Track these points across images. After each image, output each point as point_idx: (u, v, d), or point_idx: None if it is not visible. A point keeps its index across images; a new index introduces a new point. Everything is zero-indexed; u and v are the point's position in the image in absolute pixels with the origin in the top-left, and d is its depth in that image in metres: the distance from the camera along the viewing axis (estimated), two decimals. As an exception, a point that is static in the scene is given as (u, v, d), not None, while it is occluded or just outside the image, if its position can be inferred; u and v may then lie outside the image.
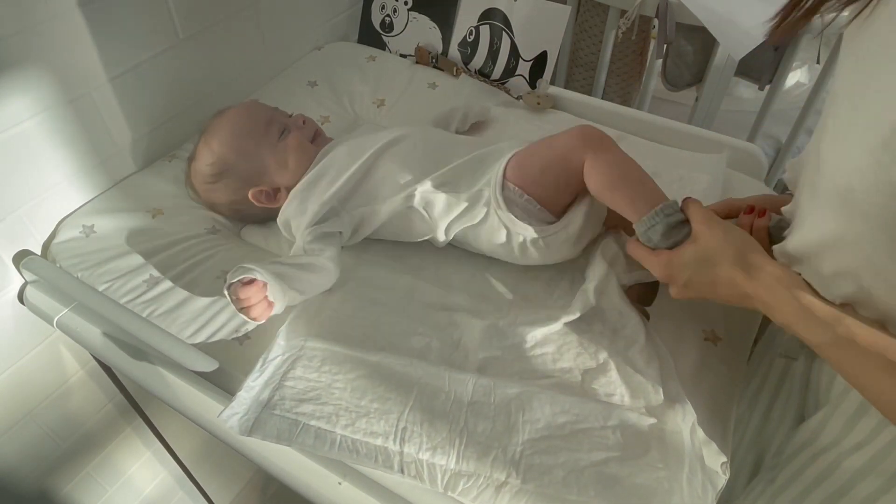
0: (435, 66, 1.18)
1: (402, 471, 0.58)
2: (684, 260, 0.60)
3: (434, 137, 0.84)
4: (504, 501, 0.57)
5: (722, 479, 0.60)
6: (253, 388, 0.62)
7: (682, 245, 0.61)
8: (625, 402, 0.63)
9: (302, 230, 0.76)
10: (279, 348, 0.66)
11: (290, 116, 0.88)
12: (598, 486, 0.56)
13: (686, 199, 0.65)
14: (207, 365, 0.68)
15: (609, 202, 0.70)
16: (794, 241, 0.57)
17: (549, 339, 0.70)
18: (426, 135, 0.84)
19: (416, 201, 0.75)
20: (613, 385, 0.65)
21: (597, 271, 0.73)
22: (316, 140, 0.87)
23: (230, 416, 0.60)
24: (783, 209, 0.62)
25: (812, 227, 0.53)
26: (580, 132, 0.72)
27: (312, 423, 0.60)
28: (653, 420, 0.62)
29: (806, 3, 0.52)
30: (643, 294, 0.76)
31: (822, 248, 0.51)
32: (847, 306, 0.51)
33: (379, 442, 0.59)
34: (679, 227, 0.63)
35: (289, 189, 0.82)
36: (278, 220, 0.81)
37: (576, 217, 0.73)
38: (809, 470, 0.60)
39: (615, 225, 0.79)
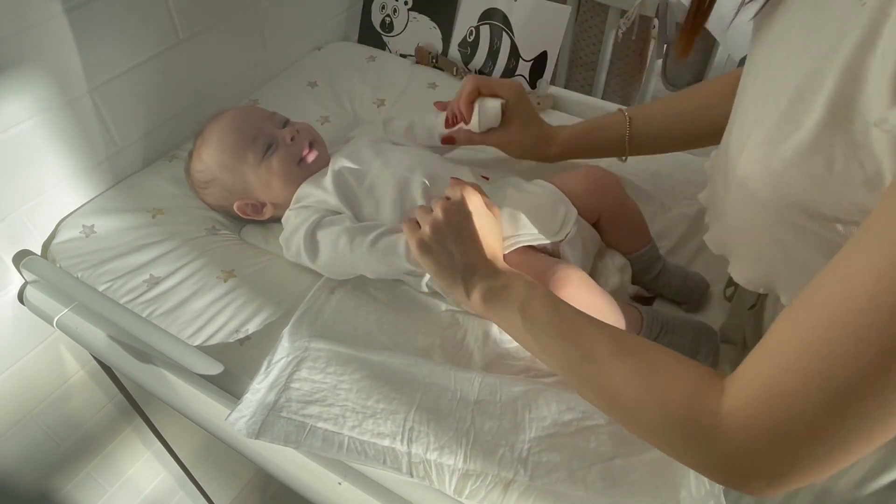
0: (435, 66, 1.18)
1: (410, 473, 0.58)
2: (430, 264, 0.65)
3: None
4: (512, 500, 0.57)
5: (719, 485, 0.60)
6: (258, 390, 0.62)
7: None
8: None
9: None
10: (283, 350, 0.66)
11: (285, 126, 0.84)
12: (607, 481, 0.56)
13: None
14: (212, 368, 0.68)
15: None
16: (716, 229, 0.59)
17: None
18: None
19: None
20: None
21: (609, 279, 0.74)
22: (306, 159, 0.82)
23: (237, 419, 0.60)
24: (699, 196, 0.64)
25: (728, 215, 0.55)
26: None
27: (320, 425, 0.60)
28: None
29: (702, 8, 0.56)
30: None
31: (739, 233, 0.54)
32: None
33: (387, 443, 0.59)
34: None
35: (275, 204, 0.82)
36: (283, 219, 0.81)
37: None
38: None
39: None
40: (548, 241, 0.71)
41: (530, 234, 0.71)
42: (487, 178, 0.82)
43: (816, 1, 0.44)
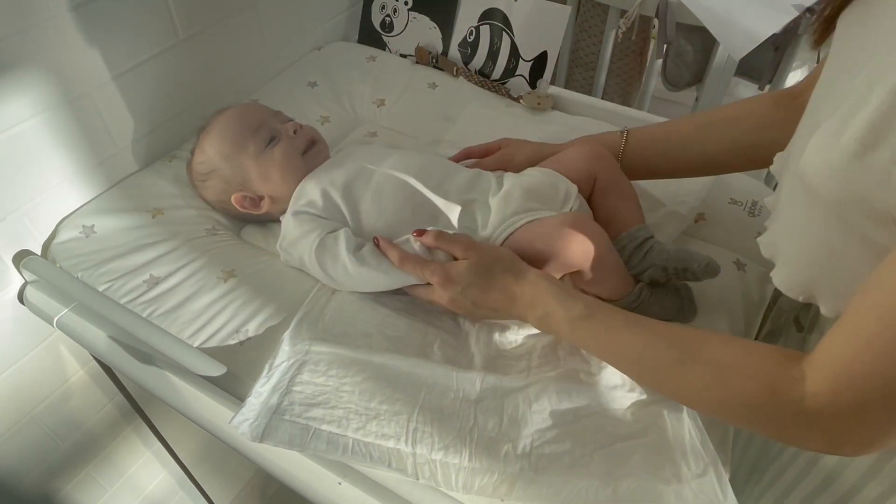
0: (435, 66, 1.18)
1: (416, 474, 0.58)
2: (461, 270, 0.65)
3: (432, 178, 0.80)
4: (519, 494, 0.57)
5: (715, 454, 0.60)
6: (261, 393, 0.62)
7: (458, 261, 0.67)
8: (626, 385, 0.64)
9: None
10: (284, 354, 0.66)
11: (288, 122, 0.85)
12: (608, 466, 0.57)
13: (441, 237, 0.69)
14: (213, 369, 0.67)
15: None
16: (770, 232, 0.58)
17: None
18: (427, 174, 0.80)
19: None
20: (617, 376, 0.65)
21: None
22: (310, 151, 0.83)
23: (241, 421, 0.59)
24: (765, 200, 0.63)
25: (783, 215, 0.54)
26: (568, 223, 0.69)
27: (324, 427, 0.59)
28: (654, 402, 0.62)
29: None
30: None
31: (790, 235, 0.53)
32: None
33: (391, 444, 0.58)
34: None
35: (273, 198, 0.82)
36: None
37: None
38: (790, 469, 0.62)
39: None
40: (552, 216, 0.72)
41: (534, 211, 0.71)
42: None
43: None
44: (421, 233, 0.70)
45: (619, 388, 0.63)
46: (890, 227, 0.41)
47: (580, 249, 0.67)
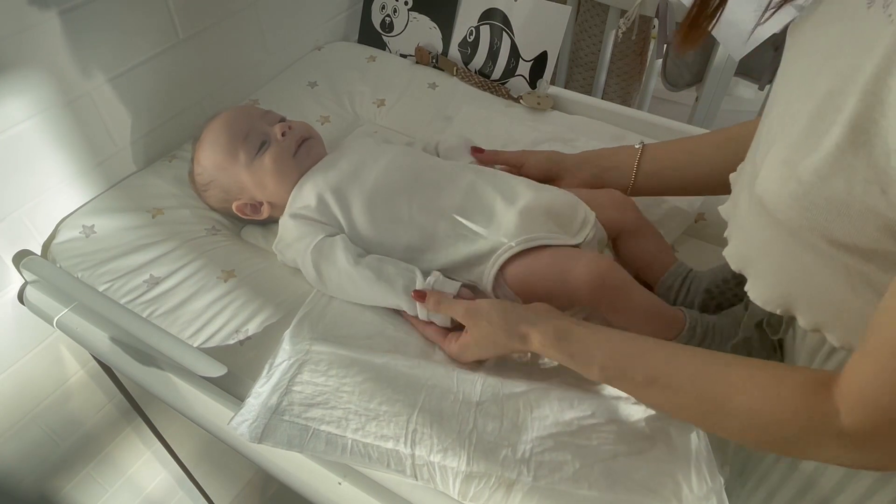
0: (435, 67, 1.18)
1: (414, 475, 0.58)
2: (470, 343, 0.66)
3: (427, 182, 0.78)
4: (516, 501, 0.57)
5: (720, 480, 0.60)
6: (261, 394, 0.62)
7: (464, 333, 0.67)
8: (631, 397, 0.63)
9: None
10: (284, 353, 0.66)
11: (280, 122, 0.84)
12: (610, 479, 0.56)
13: (442, 302, 0.68)
14: (213, 369, 0.67)
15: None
16: (736, 244, 0.57)
17: None
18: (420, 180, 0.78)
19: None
20: None
21: None
22: (301, 151, 0.82)
23: (240, 423, 0.59)
24: (720, 208, 0.62)
25: (750, 231, 0.53)
26: (597, 280, 0.67)
27: (323, 427, 0.59)
28: (660, 417, 0.62)
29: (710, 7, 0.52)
30: None
31: (760, 250, 0.52)
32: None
33: (390, 445, 0.58)
34: None
35: (272, 203, 0.82)
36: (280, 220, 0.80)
37: None
38: (773, 473, 0.62)
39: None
40: (567, 243, 0.71)
41: (549, 234, 0.71)
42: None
43: (849, 13, 0.42)
44: (420, 295, 0.69)
45: (623, 399, 0.63)
46: (854, 254, 0.40)
47: (598, 288, 0.67)
